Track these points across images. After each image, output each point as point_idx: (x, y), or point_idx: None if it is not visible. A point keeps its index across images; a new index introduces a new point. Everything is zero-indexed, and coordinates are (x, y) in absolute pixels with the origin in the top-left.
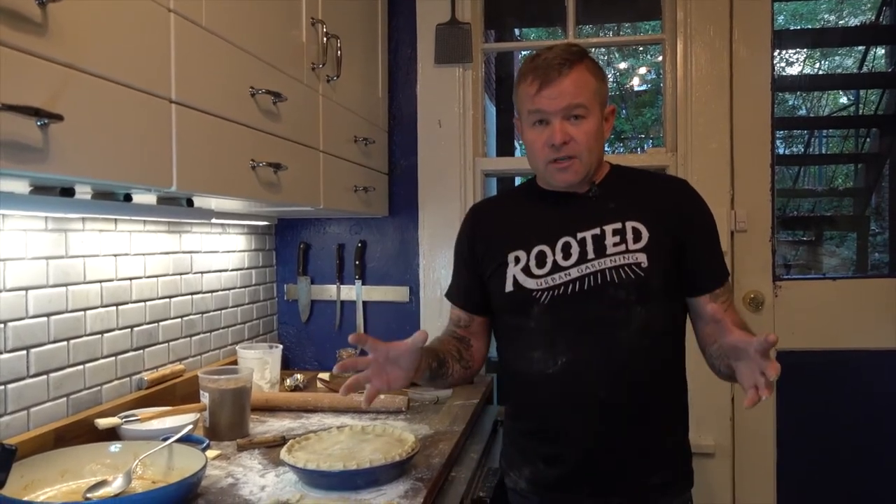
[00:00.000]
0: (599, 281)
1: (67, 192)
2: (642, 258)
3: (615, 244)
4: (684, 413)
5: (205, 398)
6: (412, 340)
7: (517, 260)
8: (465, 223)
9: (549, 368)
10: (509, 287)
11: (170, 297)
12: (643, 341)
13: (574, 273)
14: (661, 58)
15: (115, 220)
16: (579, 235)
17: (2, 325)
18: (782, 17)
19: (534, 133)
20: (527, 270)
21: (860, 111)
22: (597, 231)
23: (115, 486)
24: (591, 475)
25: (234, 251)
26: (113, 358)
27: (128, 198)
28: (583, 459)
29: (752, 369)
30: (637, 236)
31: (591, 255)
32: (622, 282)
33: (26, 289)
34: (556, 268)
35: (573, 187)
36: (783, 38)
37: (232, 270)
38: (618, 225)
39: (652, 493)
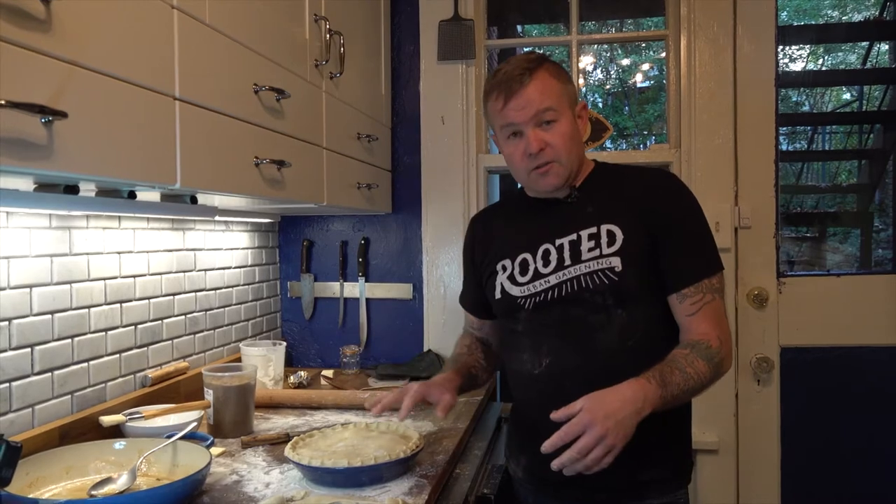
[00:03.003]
0: (576, 287)
1: (71, 189)
2: (616, 262)
3: (590, 249)
4: (679, 412)
5: (209, 395)
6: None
7: (504, 268)
8: (467, 232)
9: (535, 369)
10: (498, 294)
11: (173, 294)
12: (625, 343)
13: (553, 280)
14: (663, 54)
15: (119, 217)
16: (557, 242)
17: (6, 323)
18: (785, 12)
19: (510, 146)
20: (512, 278)
21: (864, 107)
22: (573, 237)
23: (120, 483)
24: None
25: (237, 248)
26: (117, 355)
27: (132, 195)
28: None
29: None
30: (611, 240)
31: (567, 261)
32: (597, 287)
33: (30, 286)
34: (537, 275)
35: (557, 192)
36: (787, 34)
37: (235, 268)
38: (593, 229)
39: (643, 489)
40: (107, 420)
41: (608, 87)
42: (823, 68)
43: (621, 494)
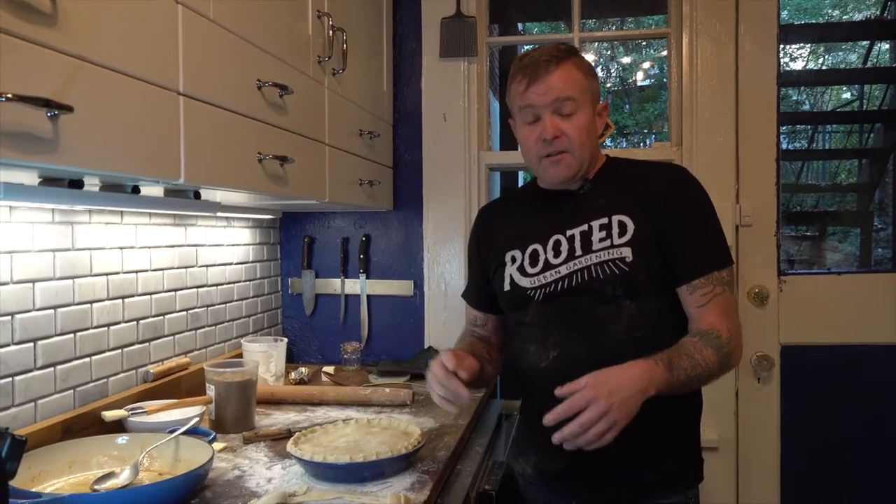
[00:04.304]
0: (586, 277)
1: (76, 183)
2: (627, 252)
3: (601, 240)
4: (688, 407)
5: (210, 391)
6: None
7: (513, 259)
8: (474, 225)
9: (542, 362)
10: (507, 286)
11: (175, 290)
12: (634, 334)
13: (563, 270)
14: (664, 52)
15: (122, 212)
16: (568, 233)
17: (9, 318)
18: (786, 11)
19: (526, 130)
20: (522, 269)
21: (864, 106)
22: (584, 227)
23: (123, 477)
24: (587, 467)
25: (238, 244)
26: (119, 350)
27: (135, 190)
28: (577, 452)
29: None
30: (622, 230)
31: (578, 251)
32: (607, 277)
33: (33, 281)
34: (548, 266)
35: (567, 184)
36: (788, 33)
37: (237, 264)
38: (604, 220)
39: (652, 488)
40: (109, 415)
41: (609, 85)
42: (824, 67)
43: (631, 492)
